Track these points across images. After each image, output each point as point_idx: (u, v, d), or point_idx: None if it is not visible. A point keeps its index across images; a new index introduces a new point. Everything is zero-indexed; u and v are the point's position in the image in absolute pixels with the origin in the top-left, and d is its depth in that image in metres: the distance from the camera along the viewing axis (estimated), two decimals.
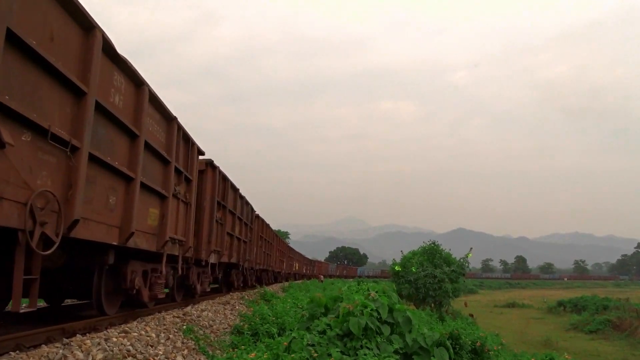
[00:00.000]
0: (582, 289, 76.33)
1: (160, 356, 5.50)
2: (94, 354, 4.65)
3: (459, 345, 7.53)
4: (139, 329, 6.29)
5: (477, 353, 7.87)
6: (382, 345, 6.11)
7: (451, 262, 21.35)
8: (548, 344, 20.72)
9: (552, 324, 31.25)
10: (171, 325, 7.10)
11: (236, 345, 7.53)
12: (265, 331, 8.51)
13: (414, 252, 23.00)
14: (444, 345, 6.66)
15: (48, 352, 4.39)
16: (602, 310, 32.25)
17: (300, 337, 6.01)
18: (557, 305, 41.36)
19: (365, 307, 6.54)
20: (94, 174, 5.27)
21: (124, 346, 5.26)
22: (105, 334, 5.53)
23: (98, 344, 5.01)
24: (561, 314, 37.81)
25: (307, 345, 5.84)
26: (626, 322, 26.48)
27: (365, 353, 5.63)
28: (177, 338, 6.56)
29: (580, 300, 38.93)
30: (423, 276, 20.38)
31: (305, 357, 5.45)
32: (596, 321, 28.11)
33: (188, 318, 8.02)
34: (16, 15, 3.76)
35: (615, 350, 21.34)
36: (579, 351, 20.00)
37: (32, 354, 4.29)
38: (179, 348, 6.18)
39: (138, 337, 5.83)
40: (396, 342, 6.30)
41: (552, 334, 23.68)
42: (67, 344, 4.76)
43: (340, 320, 6.41)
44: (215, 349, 7.10)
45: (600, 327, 26.93)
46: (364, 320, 6.19)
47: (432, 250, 22.19)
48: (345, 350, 5.98)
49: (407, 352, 6.35)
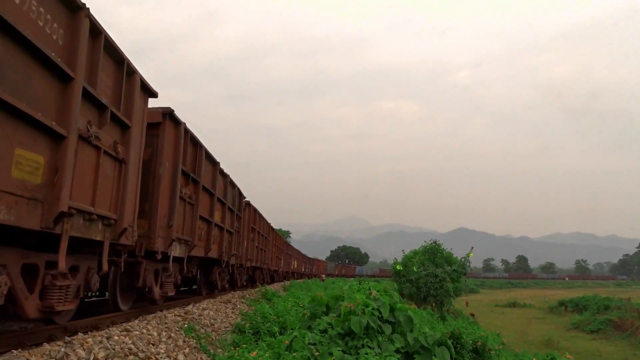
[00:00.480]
0: (583, 289, 76.26)
1: (161, 354, 5.51)
2: (95, 352, 4.66)
3: (460, 344, 7.53)
4: (141, 327, 6.30)
5: (479, 352, 7.87)
6: (383, 345, 6.12)
7: (452, 261, 21.35)
8: (549, 344, 20.71)
9: (554, 324, 31.22)
10: (172, 323, 7.11)
11: (237, 344, 7.54)
12: (266, 330, 8.52)
13: (416, 251, 23.00)
14: (445, 344, 6.66)
15: (50, 350, 4.40)
16: (604, 310, 32.23)
17: (301, 336, 6.02)
18: (558, 305, 41.35)
19: (367, 306, 6.54)
20: None
21: (125, 344, 5.28)
22: (107, 333, 5.55)
23: (100, 342, 5.02)
24: (562, 313, 37.79)
25: (309, 344, 5.85)
26: (627, 322, 26.45)
27: (367, 352, 5.63)
28: (178, 337, 6.57)
29: (582, 300, 38.91)
30: (424, 275, 20.38)
31: (307, 356, 5.46)
32: (597, 321, 28.08)
33: (189, 317, 8.03)
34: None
35: (616, 350, 21.32)
36: (580, 351, 19.99)
37: (35, 351, 4.30)
38: (181, 347, 6.19)
39: (140, 335, 5.85)
40: (397, 341, 6.30)
41: (554, 334, 23.66)
42: (69, 342, 4.78)
43: (342, 319, 6.41)
44: (217, 347, 7.11)
45: (602, 327, 26.91)
46: (366, 319, 6.20)
47: (434, 250, 22.19)
48: (346, 350, 5.99)
49: (408, 351, 6.35)
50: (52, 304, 4.90)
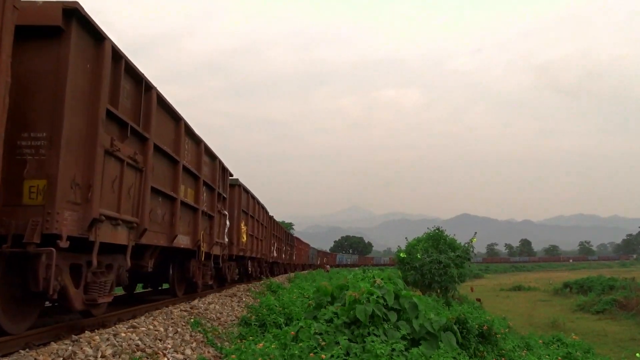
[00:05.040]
0: (587, 270, 76.36)
1: (169, 349, 5.54)
2: (103, 350, 4.68)
3: (466, 329, 7.55)
4: (147, 323, 6.33)
5: (485, 337, 7.88)
6: (389, 332, 6.14)
7: (456, 247, 21.36)
8: (555, 326, 20.77)
9: (559, 306, 31.29)
10: (179, 319, 7.14)
11: (244, 336, 7.58)
12: (272, 321, 8.56)
13: (419, 238, 22.99)
14: (451, 329, 6.68)
15: (57, 349, 4.42)
16: (608, 290, 32.24)
17: (307, 327, 6.04)
18: (563, 287, 41.40)
19: (371, 294, 6.56)
20: None
21: (132, 341, 5.30)
22: (114, 330, 5.57)
23: (107, 339, 5.04)
24: (567, 295, 37.85)
25: (315, 334, 5.87)
26: (633, 301, 26.48)
27: (373, 340, 5.65)
28: (185, 331, 6.60)
29: (586, 281, 38.93)
30: (428, 262, 20.41)
31: (313, 346, 5.48)
32: (602, 301, 28.11)
33: (195, 311, 8.07)
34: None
35: (622, 330, 21.38)
36: (586, 332, 20.05)
37: (42, 351, 4.32)
38: (188, 341, 6.22)
39: (146, 331, 5.87)
40: (403, 328, 6.33)
41: (559, 316, 23.70)
42: (76, 340, 4.80)
43: (347, 308, 6.43)
44: (224, 340, 7.15)
45: (607, 307, 26.95)
46: (371, 307, 6.21)
47: (437, 236, 22.18)
48: (352, 338, 6.01)
49: (414, 337, 6.37)
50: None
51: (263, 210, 20.15)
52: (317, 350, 5.39)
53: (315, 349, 5.42)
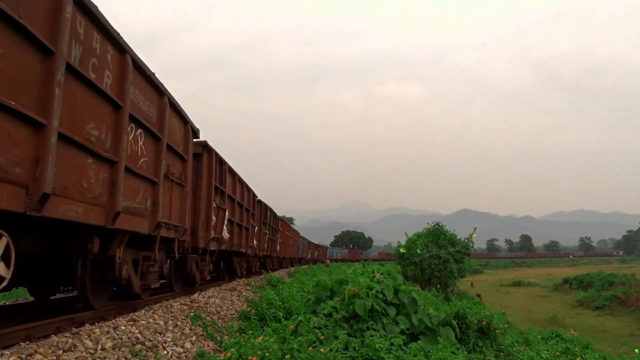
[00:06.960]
0: (587, 266, 76.43)
1: (168, 343, 5.56)
2: (103, 342, 4.70)
3: (465, 324, 7.57)
4: (147, 317, 6.35)
5: (484, 332, 7.91)
6: (388, 326, 6.16)
7: (456, 242, 21.39)
8: (554, 321, 20.83)
9: (559, 302, 31.36)
10: (179, 312, 7.17)
11: (244, 330, 7.61)
12: (272, 316, 8.59)
13: (419, 234, 23.03)
14: (450, 324, 6.70)
15: (58, 342, 4.44)
16: (608, 286, 32.31)
17: (306, 321, 6.07)
18: (563, 282, 41.49)
19: (371, 289, 6.57)
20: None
21: (132, 334, 5.32)
22: (114, 323, 5.59)
23: (107, 332, 5.06)
24: (567, 291, 37.93)
25: (314, 328, 5.90)
26: (632, 297, 26.54)
27: (372, 334, 5.67)
28: (185, 325, 6.62)
29: (586, 277, 39.00)
30: (428, 257, 20.44)
31: (312, 340, 5.50)
32: (602, 297, 28.18)
33: (195, 305, 8.09)
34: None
35: (622, 326, 21.44)
36: (585, 327, 20.11)
37: (42, 343, 4.34)
38: (187, 335, 6.25)
39: (146, 325, 5.89)
40: (402, 323, 6.35)
41: (559, 311, 23.78)
42: (77, 333, 4.82)
43: (346, 302, 6.45)
44: (223, 334, 7.17)
45: (607, 303, 27.01)
46: (370, 302, 6.23)
47: (437, 232, 22.22)
48: (351, 332, 6.03)
49: (413, 332, 6.40)
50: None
51: (252, 195, 16.47)
52: (316, 344, 5.41)
53: (315, 343, 5.44)
